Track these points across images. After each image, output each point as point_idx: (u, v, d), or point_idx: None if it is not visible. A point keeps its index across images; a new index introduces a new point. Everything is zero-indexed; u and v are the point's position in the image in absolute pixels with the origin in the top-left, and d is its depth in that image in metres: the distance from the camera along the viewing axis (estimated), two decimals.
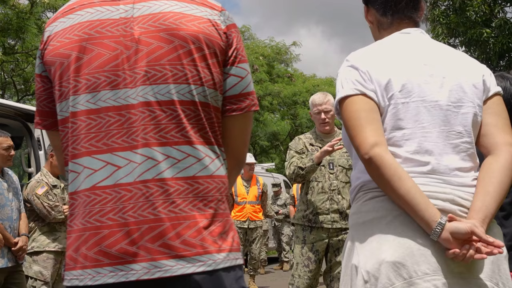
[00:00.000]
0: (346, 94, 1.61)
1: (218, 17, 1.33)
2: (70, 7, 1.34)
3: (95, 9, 1.31)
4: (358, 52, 1.70)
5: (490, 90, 1.69)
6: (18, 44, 13.25)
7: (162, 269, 1.19)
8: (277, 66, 20.81)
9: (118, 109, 1.25)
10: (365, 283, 1.52)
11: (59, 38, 1.31)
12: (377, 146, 1.52)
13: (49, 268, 4.35)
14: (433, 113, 1.60)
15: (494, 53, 12.18)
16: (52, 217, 4.34)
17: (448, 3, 12.90)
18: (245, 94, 1.35)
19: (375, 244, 1.53)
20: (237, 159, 1.42)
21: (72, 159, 1.29)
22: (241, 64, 1.35)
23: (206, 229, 1.23)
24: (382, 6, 1.78)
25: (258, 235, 7.75)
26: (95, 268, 1.21)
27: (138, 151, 1.23)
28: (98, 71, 1.26)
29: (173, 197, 1.22)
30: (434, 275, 1.47)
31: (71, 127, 1.29)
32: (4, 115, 5.12)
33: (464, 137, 1.61)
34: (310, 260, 3.85)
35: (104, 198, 1.23)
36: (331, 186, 3.87)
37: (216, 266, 1.22)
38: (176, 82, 1.25)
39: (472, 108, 1.63)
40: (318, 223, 3.84)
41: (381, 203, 1.57)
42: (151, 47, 1.26)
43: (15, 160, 6.29)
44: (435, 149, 1.58)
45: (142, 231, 1.20)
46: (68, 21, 1.32)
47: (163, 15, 1.28)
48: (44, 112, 1.42)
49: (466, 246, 1.45)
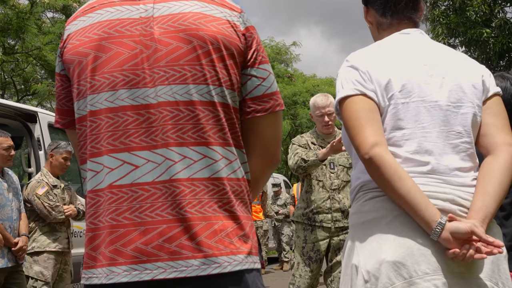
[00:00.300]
0: (346, 94, 1.61)
1: (238, 18, 1.32)
2: (91, 6, 1.35)
3: (115, 8, 1.31)
4: (358, 53, 1.70)
5: (490, 91, 1.69)
6: (18, 44, 13.25)
7: (178, 269, 1.19)
8: (277, 66, 20.81)
9: (137, 108, 1.25)
10: (365, 282, 1.52)
11: (79, 37, 1.31)
12: (377, 146, 1.53)
13: (49, 269, 4.35)
14: (433, 113, 1.60)
15: (494, 53, 12.18)
16: (52, 217, 4.34)
17: (448, 3, 12.91)
18: (268, 94, 1.34)
19: (375, 244, 1.54)
20: (271, 159, 1.40)
21: (90, 157, 1.29)
22: (262, 65, 1.34)
23: (223, 230, 1.22)
24: (382, 6, 1.78)
25: (258, 235, 7.76)
26: (109, 266, 1.22)
27: (157, 151, 1.23)
28: (117, 70, 1.26)
29: (189, 198, 1.22)
30: (434, 275, 1.47)
31: (90, 125, 1.28)
32: (4, 115, 5.12)
33: (463, 137, 1.62)
34: (311, 260, 3.85)
35: (120, 197, 1.23)
36: (332, 185, 3.88)
37: (232, 268, 1.21)
38: (195, 82, 1.25)
39: (471, 108, 1.64)
40: (318, 222, 3.84)
41: (381, 203, 1.57)
42: (170, 47, 1.25)
43: (15, 160, 6.29)
44: (435, 149, 1.58)
45: (158, 231, 1.20)
46: (88, 19, 1.32)
47: (182, 16, 1.27)
48: (64, 110, 1.41)
49: (466, 246, 1.45)
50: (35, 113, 5.42)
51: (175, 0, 1.30)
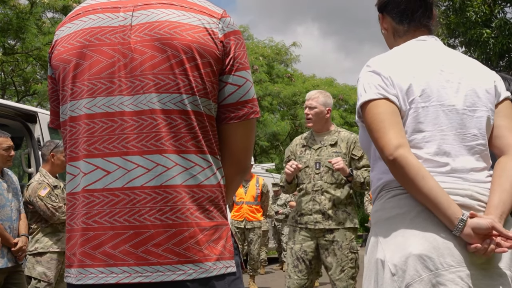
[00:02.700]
0: (369, 98, 1.69)
1: (216, 25, 1.32)
2: (77, 13, 1.38)
3: (97, 16, 1.33)
4: (379, 58, 1.78)
5: (501, 95, 1.80)
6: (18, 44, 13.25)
7: (143, 275, 1.21)
8: (277, 67, 20.80)
9: (111, 115, 1.27)
10: (392, 275, 1.59)
11: (64, 43, 1.35)
12: (401, 148, 1.61)
13: (52, 269, 4.34)
14: (450, 117, 1.70)
15: (494, 53, 12.17)
16: (56, 218, 4.32)
17: (448, 3, 12.89)
18: (242, 102, 1.35)
19: (401, 238, 1.61)
20: (238, 167, 1.41)
21: (69, 161, 1.33)
22: (238, 72, 1.34)
23: (192, 238, 1.24)
24: (399, 15, 1.87)
25: (255, 235, 7.74)
26: (79, 268, 1.26)
27: (129, 157, 1.25)
28: (95, 78, 1.29)
29: (160, 205, 1.24)
30: (459, 267, 1.56)
31: (70, 130, 1.32)
32: (4, 115, 5.12)
33: (479, 139, 1.72)
34: (299, 261, 3.87)
35: (92, 201, 1.27)
36: (314, 187, 3.89)
37: (197, 276, 1.23)
38: (167, 91, 1.26)
39: (485, 112, 1.74)
40: (303, 224, 3.88)
41: (404, 200, 1.65)
42: (145, 56, 1.27)
43: (15, 160, 6.29)
44: (452, 151, 1.68)
45: (126, 236, 1.23)
46: (73, 26, 1.35)
47: (159, 24, 1.29)
48: (56, 112, 1.46)
49: (487, 240, 1.54)
50: (35, 113, 5.41)
51: (154, 8, 1.31)
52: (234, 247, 1.34)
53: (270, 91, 19.08)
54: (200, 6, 1.34)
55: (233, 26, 1.36)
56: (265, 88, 18.81)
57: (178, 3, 1.33)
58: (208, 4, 1.37)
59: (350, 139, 3.97)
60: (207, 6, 1.36)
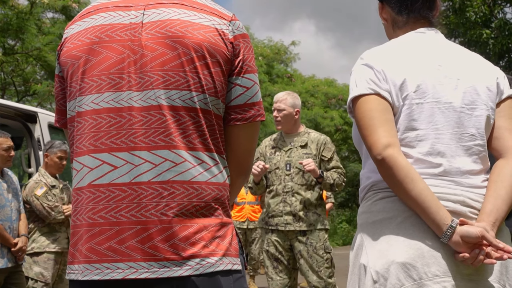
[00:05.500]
0: (360, 93, 1.60)
1: (227, 26, 1.35)
2: (87, 11, 1.39)
3: (108, 14, 1.35)
4: (373, 51, 1.69)
5: (504, 93, 1.69)
6: (18, 44, 13.24)
7: (150, 270, 1.22)
8: (276, 66, 20.80)
9: (120, 110, 1.28)
10: (374, 283, 1.52)
11: (73, 40, 1.36)
12: (390, 147, 1.52)
13: (49, 269, 4.34)
14: (447, 115, 1.59)
15: (493, 53, 12.18)
16: (52, 217, 4.33)
17: (448, 3, 12.89)
18: (250, 104, 1.37)
19: (385, 244, 1.53)
20: (241, 168, 1.43)
21: (75, 156, 1.33)
22: (247, 75, 1.36)
23: (197, 233, 1.25)
24: (398, 4, 1.77)
25: (257, 235, 7.75)
26: (85, 264, 1.27)
27: (136, 152, 1.26)
28: (104, 73, 1.30)
29: (166, 201, 1.24)
30: (444, 277, 1.47)
31: (76, 126, 1.33)
32: (4, 115, 5.12)
33: (477, 139, 1.61)
34: (277, 261, 3.89)
35: (98, 196, 1.27)
36: (285, 188, 3.88)
37: (204, 270, 1.23)
38: (177, 88, 1.28)
39: (485, 111, 1.63)
40: (274, 225, 3.87)
41: (391, 203, 1.57)
42: (156, 53, 1.29)
43: (15, 160, 6.29)
44: (448, 151, 1.58)
45: (133, 231, 1.23)
46: (84, 24, 1.37)
47: (170, 22, 1.30)
48: (62, 110, 1.46)
49: (476, 250, 1.45)
50: (35, 113, 5.41)
51: (165, 7, 1.33)
52: (239, 246, 1.34)
53: (270, 92, 19.08)
54: (211, 8, 1.37)
55: (242, 29, 1.38)
56: (265, 89, 18.82)
57: (189, 3, 1.35)
58: (219, 7, 1.39)
59: (320, 141, 3.96)
60: (217, 8, 1.38)
